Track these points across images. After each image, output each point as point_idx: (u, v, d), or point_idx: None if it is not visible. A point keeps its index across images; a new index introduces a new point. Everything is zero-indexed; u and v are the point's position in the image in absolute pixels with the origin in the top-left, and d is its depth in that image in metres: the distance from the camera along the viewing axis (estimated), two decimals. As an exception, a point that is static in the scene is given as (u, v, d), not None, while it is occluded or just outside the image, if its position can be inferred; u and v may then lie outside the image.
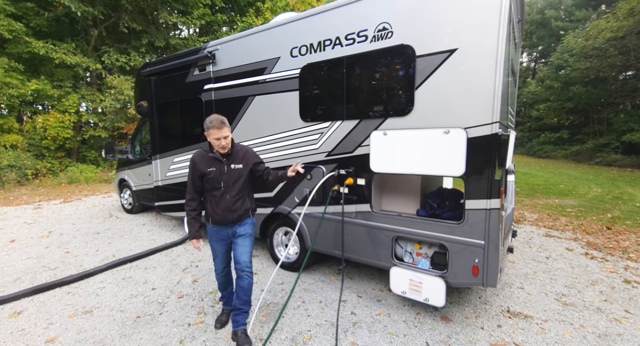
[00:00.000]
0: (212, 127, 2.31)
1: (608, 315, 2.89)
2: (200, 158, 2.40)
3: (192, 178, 2.40)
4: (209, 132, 2.34)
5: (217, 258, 2.56)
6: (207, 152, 2.42)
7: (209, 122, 2.33)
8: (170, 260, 4.10)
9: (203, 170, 2.36)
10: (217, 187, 2.38)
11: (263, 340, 2.44)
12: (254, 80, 3.80)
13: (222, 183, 2.38)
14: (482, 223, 2.45)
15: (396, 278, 2.88)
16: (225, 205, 2.39)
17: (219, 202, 2.39)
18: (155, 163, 5.38)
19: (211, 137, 2.34)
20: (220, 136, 2.32)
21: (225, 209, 2.39)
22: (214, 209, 2.40)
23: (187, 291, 3.24)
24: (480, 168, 2.43)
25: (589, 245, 4.74)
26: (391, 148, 2.82)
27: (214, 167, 2.37)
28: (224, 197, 2.39)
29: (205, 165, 2.36)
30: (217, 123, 2.31)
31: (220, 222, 2.41)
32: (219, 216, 2.40)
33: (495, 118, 2.33)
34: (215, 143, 2.35)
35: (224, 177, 2.39)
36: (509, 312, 2.94)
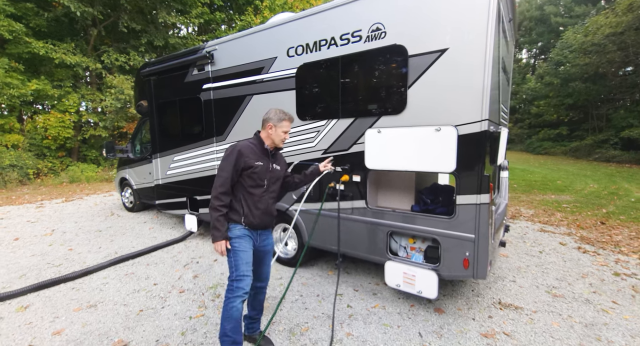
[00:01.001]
0: (286, 120, 2.21)
1: (596, 305, 2.99)
2: (248, 150, 2.14)
3: (231, 169, 2.06)
4: (281, 124, 2.20)
5: (248, 265, 2.11)
6: (256, 145, 2.21)
7: (282, 114, 2.21)
8: (172, 256, 4.20)
9: (250, 162, 2.10)
10: (259, 184, 2.15)
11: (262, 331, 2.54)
12: (251, 79, 3.87)
13: (265, 181, 2.17)
14: (472, 218, 2.53)
15: (391, 272, 2.96)
16: (264, 206, 2.18)
17: (258, 201, 2.14)
18: (155, 162, 5.46)
19: (280, 129, 2.20)
20: (288, 130, 2.25)
21: (264, 211, 2.18)
22: (251, 209, 2.12)
23: (188, 286, 3.33)
24: (470, 164, 2.51)
25: (582, 240, 4.83)
26: (385, 145, 2.90)
27: (262, 162, 2.16)
28: (264, 196, 2.18)
29: (253, 158, 2.13)
30: (291, 117, 2.26)
31: (255, 225, 2.15)
32: (256, 217, 2.14)
33: (485, 116, 2.41)
34: (280, 137, 2.22)
35: (268, 175, 2.20)
36: (500, 304, 3.03)
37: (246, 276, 2.07)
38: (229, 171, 2.07)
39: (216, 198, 2.04)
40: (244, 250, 2.10)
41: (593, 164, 15.87)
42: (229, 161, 2.09)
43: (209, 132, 4.48)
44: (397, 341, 2.48)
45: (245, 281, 2.05)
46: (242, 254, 2.09)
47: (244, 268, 2.08)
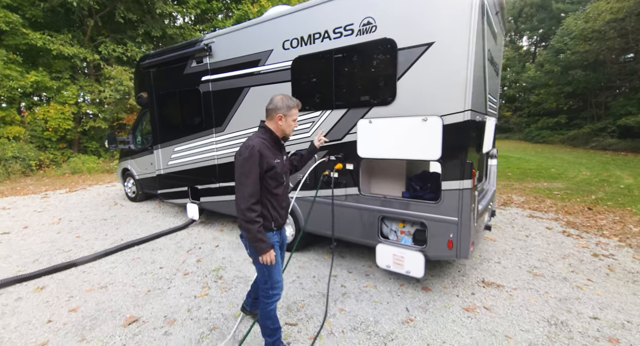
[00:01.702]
0: (295, 107, 2.01)
1: (572, 283, 3.21)
2: (266, 149, 1.89)
3: (256, 175, 1.83)
4: (291, 112, 1.98)
5: (280, 271, 2.07)
6: (268, 141, 1.95)
7: (290, 101, 1.99)
8: (175, 243, 4.41)
9: (271, 162, 1.88)
10: (280, 183, 1.98)
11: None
12: (249, 72, 4.00)
13: (284, 177, 2.01)
14: (456, 202, 2.72)
15: (381, 254, 3.17)
16: (286, 202, 2.06)
17: (282, 199, 2.01)
18: (156, 153, 5.62)
19: (290, 118, 2.00)
20: (297, 118, 2.05)
21: (287, 207, 2.07)
22: (278, 211, 1.99)
23: (191, 269, 3.55)
24: (454, 152, 2.68)
25: (568, 224, 5.04)
26: (376, 135, 3.06)
27: (279, 158, 1.96)
28: (284, 192, 2.04)
29: (272, 157, 1.91)
30: (298, 102, 2.04)
31: (282, 224, 2.05)
32: (284, 216, 2.04)
33: (468, 107, 2.56)
34: (292, 127, 2.04)
35: (284, 169, 2.04)
36: (483, 283, 3.25)
37: (280, 282, 2.05)
38: (255, 178, 1.83)
39: (250, 210, 1.80)
40: (276, 260, 1.99)
41: (590, 152, 16.02)
42: (252, 166, 1.82)
43: (208, 123, 4.63)
44: (385, 315, 2.71)
45: (279, 287, 2.04)
46: (278, 267, 2.02)
47: (278, 277, 2.04)
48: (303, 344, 2.33)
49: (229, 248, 4.19)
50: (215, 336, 2.39)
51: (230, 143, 4.41)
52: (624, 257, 3.85)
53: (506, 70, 30.44)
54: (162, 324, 2.51)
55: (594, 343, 2.34)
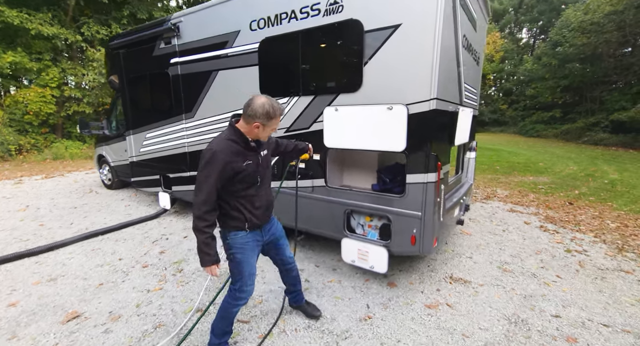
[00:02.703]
0: (276, 117, 1.80)
1: (540, 279, 3.14)
2: (230, 153, 1.74)
3: (214, 183, 1.70)
4: (271, 122, 1.79)
5: (252, 276, 1.96)
6: (238, 143, 1.79)
7: (272, 109, 1.75)
8: (143, 233, 4.27)
9: (238, 167, 1.76)
10: (253, 183, 1.87)
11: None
12: (217, 54, 3.78)
13: (258, 177, 1.89)
14: (420, 196, 2.59)
15: (346, 248, 3.06)
16: (264, 201, 1.96)
17: (256, 200, 1.90)
18: (129, 139, 5.41)
19: (269, 128, 1.82)
20: (277, 126, 1.90)
21: (266, 207, 1.98)
22: (252, 211, 1.88)
23: (152, 261, 3.42)
24: (418, 143, 2.53)
25: (546, 219, 4.97)
26: (342, 124, 2.89)
27: (250, 160, 1.83)
28: (260, 192, 1.93)
29: (240, 160, 1.78)
30: (281, 112, 1.83)
31: (259, 224, 1.96)
32: (260, 217, 1.94)
33: (433, 95, 2.40)
34: (268, 134, 1.87)
35: (260, 169, 1.90)
36: (451, 278, 3.17)
37: (248, 286, 1.95)
38: (212, 185, 1.70)
39: (200, 219, 1.70)
40: (246, 261, 1.92)
41: (581, 147, 16.02)
42: (211, 173, 1.69)
43: (177, 108, 4.42)
44: (343, 312, 2.61)
45: (247, 291, 1.96)
46: (245, 265, 1.91)
47: (247, 280, 1.94)
48: (251, 343, 2.23)
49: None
50: (159, 334, 2.28)
51: (200, 130, 4.22)
52: (596, 253, 3.79)
53: (504, 63, 30.16)
54: (105, 321, 2.39)
55: (552, 343, 2.26)
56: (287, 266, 2.33)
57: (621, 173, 8.57)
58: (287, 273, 2.38)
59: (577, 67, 19.64)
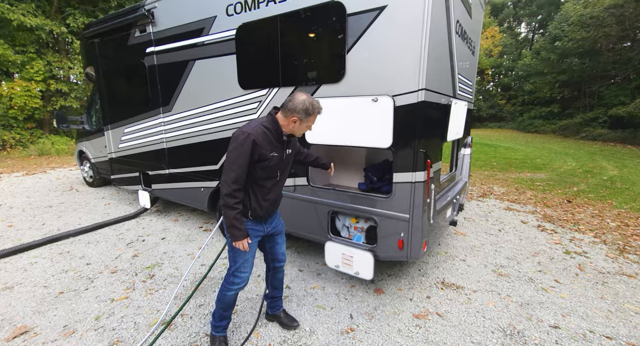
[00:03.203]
0: (314, 115, 1.86)
1: (537, 285, 2.93)
2: (264, 140, 1.80)
3: (246, 164, 1.76)
4: (309, 118, 1.85)
5: (247, 262, 2.00)
6: (272, 132, 1.85)
7: (312, 108, 1.82)
8: (118, 234, 4.02)
9: (266, 154, 1.81)
10: (272, 176, 1.92)
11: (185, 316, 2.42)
12: (193, 42, 3.50)
13: (278, 172, 1.94)
14: (408, 197, 2.36)
15: (330, 253, 2.84)
16: (273, 196, 1.99)
17: (268, 193, 1.94)
18: (107, 134, 5.13)
19: (306, 124, 1.87)
20: (313, 124, 1.93)
21: (273, 202, 2.00)
22: (259, 202, 1.92)
23: (123, 266, 3.18)
24: (406, 139, 2.30)
25: (544, 218, 4.77)
26: (325, 118, 2.64)
27: (277, 153, 1.88)
28: (275, 187, 1.98)
29: (268, 149, 1.82)
30: (320, 110, 1.89)
31: (262, 216, 1.99)
32: (264, 210, 1.96)
33: (422, 85, 2.16)
34: (303, 131, 1.93)
35: (282, 165, 1.95)
36: (442, 284, 2.96)
37: (243, 273, 2.00)
38: (243, 166, 1.76)
39: (230, 196, 1.77)
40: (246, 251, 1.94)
41: (579, 143, 15.86)
42: (243, 154, 1.75)
43: (155, 102, 4.15)
44: (325, 323, 2.39)
45: (242, 277, 2.00)
46: (242, 252, 1.94)
47: (241, 266, 1.98)
48: (219, 360, 2.01)
49: (175, 241, 3.82)
50: (115, 351, 2.05)
51: (178, 124, 3.96)
52: (596, 254, 3.59)
53: (502, 58, 29.84)
54: (57, 337, 2.15)
55: (551, 360, 2.06)
56: (277, 265, 2.25)
57: (621, 169, 8.39)
58: (274, 272, 2.27)
59: (576, 61, 19.41)
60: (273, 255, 2.22)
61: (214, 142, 3.57)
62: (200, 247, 3.40)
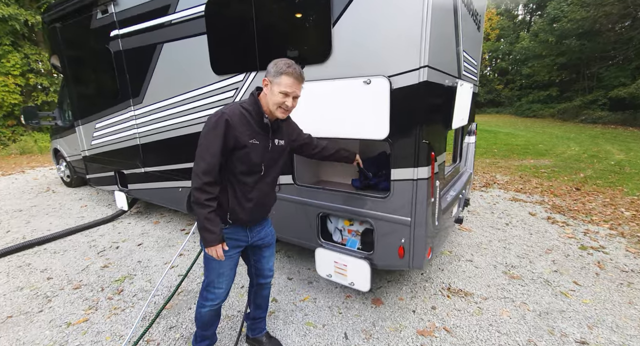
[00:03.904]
0: (287, 74, 1.44)
1: (555, 288, 2.61)
2: (241, 122, 1.47)
3: (219, 150, 1.43)
4: (279, 79, 1.45)
5: (223, 276, 1.66)
6: (251, 113, 1.51)
7: (284, 66, 1.45)
8: (90, 240, 3.65)
9: (242, 140, 1.47)
10: (254, 171, 1.56)
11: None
12: (158, 22, 3.06)
13: (262, 165, 1.57)
14: (409, 197, 2.00)
15: (321, 260, 2.49)
16: (258, 196, 1.61)
17: (250, 191, 1.58)
18: (78, 130, 4.70)
19: (277, 88, 1.46)
20: (291, 91, 1.47)
21: (258, 203, 1.62)
22: (240, 202, 1.57)
23: (89, 279, 2.82)
24: (405, 128, 1.91)
25: (553, 209, 4.45)
26: (309, 105, 2.25)
27: (258, 140, 1.52)
28: (259, 184, 1.60)
29: (247, 134, 1.48)
30: (296, 71, 1.47)
31: (244, 221, 1.62)
32: (246, 212, 1.59)
33: (424, 62, 1.76)
34: (276, 100, 1.47)
35: (267, 157, 1.58)
36: (449, 290, 2.63)
37: (217, 288, 1.68)
38: (216, 153, 1.43)
39: (201, 191, 1.44)
40: (217, 261, 1.60)
41: (579, 126, 15.53)
42: (214, 138, 1.43)
43: (124, 93, 3.71)
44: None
45: (216, 294, 1.68)
46: (215, 264, 1.63)
47: (217, 280, 1.67)
48: (187, 400, 1.68)
49: (153, 248, 3.47)
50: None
51: (151, 118, 3.54)
52: (615, 249, 3.28)
53: (500, 41, 29.11)
54: (-9, 376, 1.82)
55: (581, 386, 1.75)
56: (262, 282, 1.91)
57: (627, 153, 8.08)
58: (258, 290, 1.93)
59: (575, 43, 18.87)
60: (258, 270, 1.87)
61: (189, 137, 3.17)
62: (178, 254, 3.03)
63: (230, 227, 1.62)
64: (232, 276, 1.72)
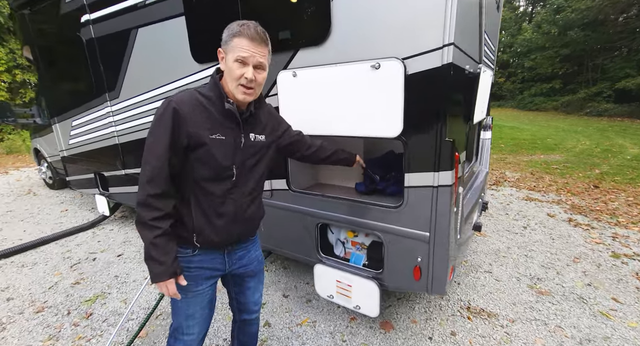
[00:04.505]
0: (239, 34, 1.09)
1: (592, 307, 2.27)
2: (194, 110, 1.11)
3: (163, 146, 1.08)
4: (232, 44, 1.10)
5: (192, 319, 1.29)
6: (213, 102, 1.15)
7: (237, 26, 1.11)
8: (65, 251, 3.30)
9: (199, 135, 1.11)
10: (222, 176, 1.18)
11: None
12: (131, 4, 2.67)
13: (234, 168, 1.19)
14: (427, 207, 1.63)
15: (322, 279, 2.14)
16: (233, 211, 1.22)
17: (220, 204, 1.19)
18: (55, 128, 4.32)
19: (231, 55, 1.10)
20: (248, 56, 1.09)
21: (234, 219, 1.23)
22: (209, 219, 1.19)
23: (55, 300, 2.47)
24: (424, 124, 1.54)
25: (573, 209, 4.10)
26: (304, 96, 1.88)
27: (223, 134, 1.15)
28: (233, 194, 1.21)
29: (205, 127, 1.12)
30: (251, 29, 1.10)
31: (216, 243, 1.24)
32: (218, 232, 1.21)
33: (449, 39, 1.39)
34: (234, 74, 1.10)
35: (239, 157, 1.20)
36: (468, 310, 2.28)
37: (187, 335, 1.30)
38: (161, 153, 1.08)
39: (144, 206, 1.08)
40: (190, 297, 1.26)
41: (584, 119, 15.13)
42: (160, 134, 1.08)
43: (99, 86, 3.33)
44: (314, 385, 1.72)
45: (184, 342, 1.31)
46: (182, 302, 1.26)
47: (184, 322, 1.29)
48: None
49: (134, 259, 3.11)
50: None
51: (129, 114, 3.16)
52: (651, 257, 2.93)
53: (501, 33, 28.55)
54: None
55: None
56: (246, 318, 1.53)
57: (641, 147, 7.72)
58: (243, 326, 1.57)
59: (579, 34, 18.40)
60: (241, 304, 1.50)
61: (170, 135, 2.79)
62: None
63: (200, 251, 1.24)
64: (208, 316, 1.35)
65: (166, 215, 1.11)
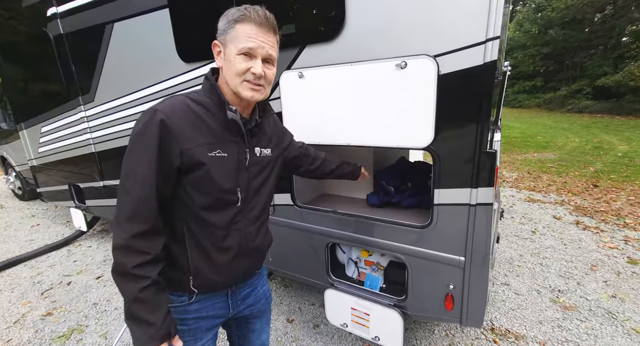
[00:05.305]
0: (243, 19, 0.85)
1: (623, 323, 2.12)
2: (187, 122, 0.85)
3: (152, 173, 0.82)
4: (234, 32, 0.85)
5: None
6: (208, 109, 0.90)
7: (237, 11, 0.86)
8: (35, 274, 2.93)
9: (195, 153, 0.85)
10: (226, 202, 0.94)
11: None
12: (105, -5, 2.33)
13: (238, 191, 0.95)
14: (462, 229, 1.41)
15: (333, 305, 1.89)
16: (239, 242, 0.98)
17: (223, 237, 0.95)
18: (22, 135, 3.90)
19: (236, 46, 0.85)
20: (257, 46, 0.85)
21: (238, 253, 0.98)
22: (210, 256, 0.94)
23: (22, 337, 2.13)
24: (458, 131, 1.32)
25: (577, 210, 4.01)
26: (312, 100, 1.63)
27: (225, 150, 0.91)
28: (239, 223, 0.97)
29: (202, 142, 0.87)
30: (258, 14, 0.86)
31: (218, 284, 1.00)
32: (221, 271, 0.97)
33: (494, 32, 1.16)
34: (238, 69, 0.85)
35: (243, 177, 0.96)
36: (493, 331, 2.09)
37: None
38: (147, 180, 0.82)
39: (126, 251, 0.81)
40: None
41: (567, 116, 15.49)
42: (143, 153, 0.82)
43: (71, 89, 2.96)
44: None
45: None
46: None
47: None
48: None
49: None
50: None
51: (106, 120, 2.82)
52: (666, 261, 2.83)
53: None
54: None
55: None
56: None
57: (629, 143, 7.84)
58: None
59: (559, 32, 18.89)
60: None
61: (154, 144, 2.48)
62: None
63: (198, 297, 0.98)
64: None
65: (154, 259, 0.84)
